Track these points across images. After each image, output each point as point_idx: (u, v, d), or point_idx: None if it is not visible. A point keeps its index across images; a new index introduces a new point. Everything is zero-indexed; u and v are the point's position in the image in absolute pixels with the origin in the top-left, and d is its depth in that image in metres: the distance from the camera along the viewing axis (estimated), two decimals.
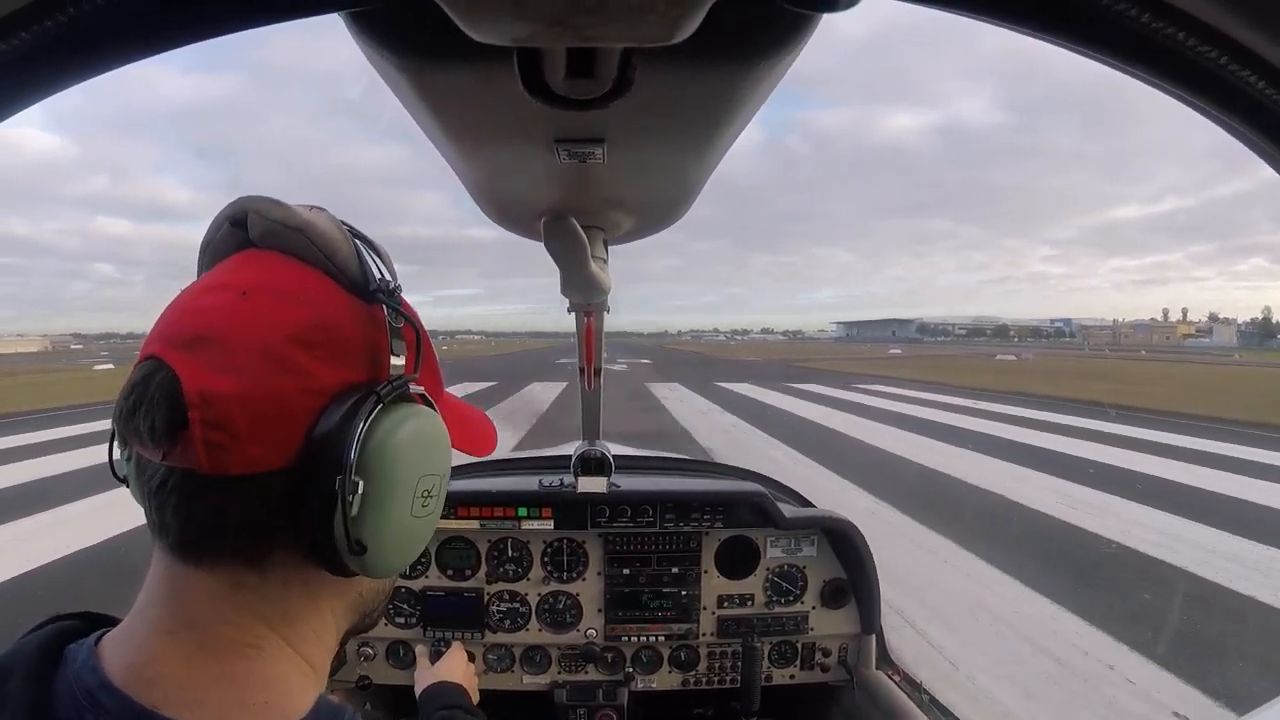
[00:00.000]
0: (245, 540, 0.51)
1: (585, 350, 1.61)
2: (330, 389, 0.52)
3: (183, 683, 0.49)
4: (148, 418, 0.49)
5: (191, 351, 0.50)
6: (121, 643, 0.52)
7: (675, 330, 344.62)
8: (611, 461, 1.86)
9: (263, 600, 0.53)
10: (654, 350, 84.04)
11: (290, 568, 0.53)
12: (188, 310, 0.53)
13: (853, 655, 1.97)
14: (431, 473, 0.57)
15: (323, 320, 0.53)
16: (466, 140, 0.65)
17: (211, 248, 0.59)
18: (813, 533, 1.94)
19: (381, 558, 0.53)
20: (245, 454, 0.49)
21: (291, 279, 0.54)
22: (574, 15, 0.38)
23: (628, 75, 0.48)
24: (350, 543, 0.51)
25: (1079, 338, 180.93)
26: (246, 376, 0.49)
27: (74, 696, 0.49)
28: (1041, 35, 0.44)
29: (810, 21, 0.48)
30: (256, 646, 0.52)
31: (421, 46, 0.48)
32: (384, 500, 0.53)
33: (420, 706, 1.30)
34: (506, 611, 1.90)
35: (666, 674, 1.94)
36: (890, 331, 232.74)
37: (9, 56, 0.39)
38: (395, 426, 0.53)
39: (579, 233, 0.88)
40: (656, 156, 0.71)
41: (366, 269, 0.56)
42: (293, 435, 0.50)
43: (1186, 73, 0.43)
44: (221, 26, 0.42)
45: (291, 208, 0.56)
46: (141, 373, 0.51)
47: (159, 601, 0.52)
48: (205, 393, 0.48)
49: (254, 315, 0.51)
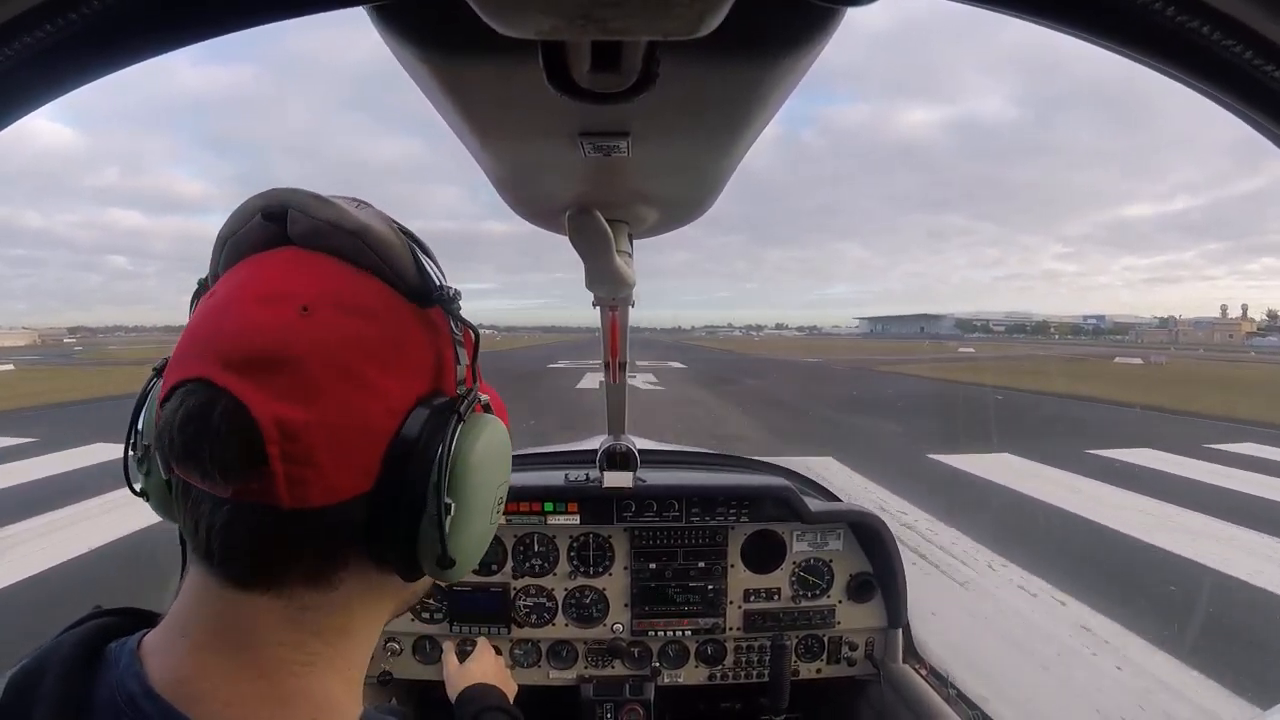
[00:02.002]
0: (319, 566, 0.50)
1: (610, 344, 1.61)
2: (404, 405, 0.50)
3: (228, 699, 0.47)
4: (215, 453, 0.45)
5: (258, 376, 0.46)
6: (164, 654, 0.49)
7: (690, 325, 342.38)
8: (637, 456, 1.87)
9: (323, 616, 0.51)
10: (687, 351, 57.59)
11: (357, 582, 0.52)
12: (244, 326, 0.47)
13: (879, 649, 1.96)
14: (505, 480, 0.58)
15: (391, 334, 0.51)
16: (491, 134, 0.66)
17: (236, 240, 0.53)
18: (839, 526, 1.93)
19: (464, 567, 0.53)
20: (327, 484, 0.47)
21: (354, 290, 0.50)
22: (598, 8, 0.38)
23: (652, 69, 0.48)
24: (443, 558, 0.50)
25: (1132, 335, 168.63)
26: (324, 402, 0.46)
27: (114, 701, 0.46)
28: (1065, 28, 0.43)
29: (834, 16, 0.48)
30: (310, 664, 0.50)
31: (446, 40, 0.48)
32: (471, 514, 0.52)
33: (457, 709, 1.30)
34: (533, 606, 1.91)
35: (693, 668, 1.94)
36: (919, 327, 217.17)
37: (31, 51, 0.39)
38: (476, 441, 0.52)
39: (604, 226, 0.88)
40: (681, 150, 0.71)
41: (425, 274, 0.53)
42: (373, 458, 0.48)
43: (1210, 67, 0.42)
44: (246, 20, 0.43)
45: (342, 207, 0.52)
46: (197, 399, 0.46)
47: (205, 621, 0.49)
48: (283, 424, 0.45)
49: (322, 333, 0.47)
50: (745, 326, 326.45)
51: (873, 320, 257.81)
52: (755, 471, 2.17)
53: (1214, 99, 0.45)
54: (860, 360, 43.18)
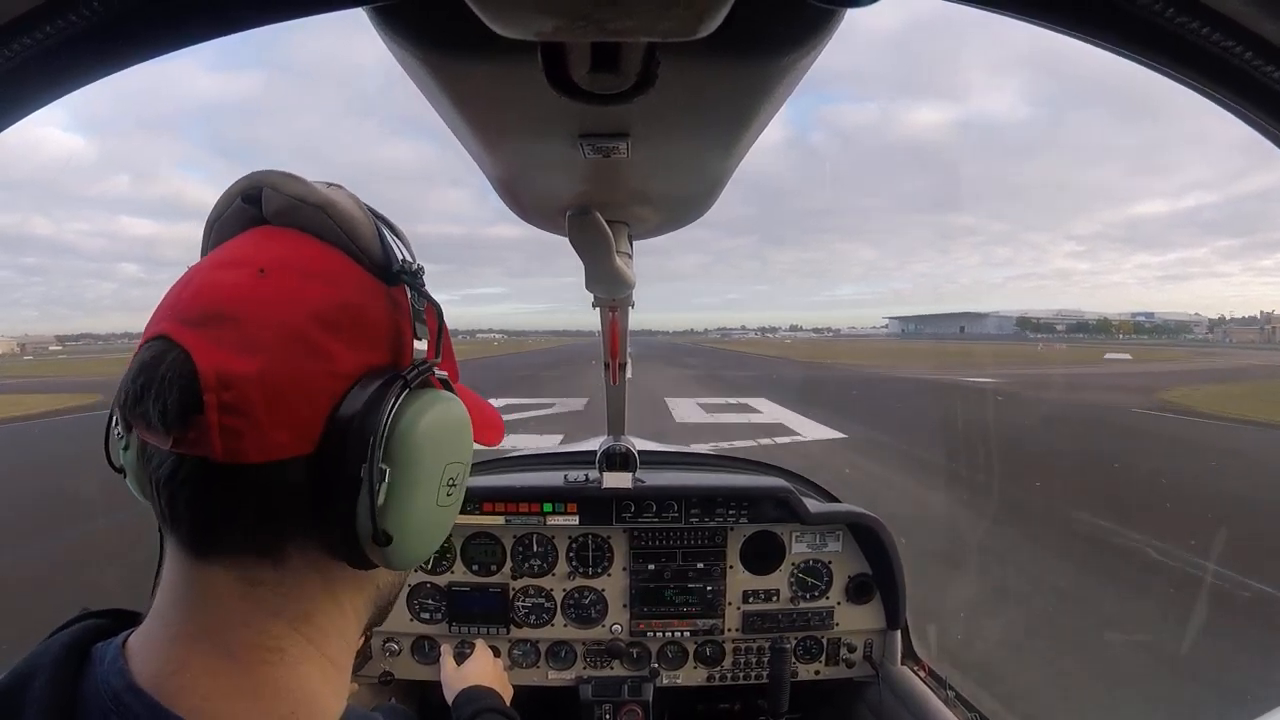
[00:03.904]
0: (261, 532, 0.49)
1: (610, 345, 1.62)
2: (353, 372, 0.50)
3: (208, 693, 0.47)
4: (158, 401, 0.46)
5: (206, 330, 0.47)
6: (145, 648, 0.50)
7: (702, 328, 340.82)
8: (636, 457, 1.87)
9: (281, 598, 0.51)
10: (748, 365, 40.22)
11: (307, 561, 0.51)
12: (202, 286, 0.49)
13: (878, 651, 1.95)
14: (457, 460, 0.55)
15: (346, 301, 0.51)
16: (491, 135, 0.66)
17: (220, 223, 0.55)
18: (838, 528, 1.92)
19: (405, 549, 0.51)
20: (263, 440, 0.46)
21: (313, 257, 0.51)
22: (598, 10, 0.38)
23: (652, 70, 0.48)
24: (376, 533, 0.48)
25: (1218, 335, 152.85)
26: (267, 357, 0.46)
27: (100, 700, 0.47)
28: (1066, 30, 0.44)
29: (833, 17, 0.48)
30: (279, 650, 0.50)
31: (446, 41, 0.48)
32: (411, 489, 0.50)
33: (454, 711, 1.30)
34: (532, 607, 1.91)
35: (692, 669, 1.94)
36: (959, 327, 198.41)
37: (33, 51, 0.39)
38: (422, 412, 0.51)
39: (603, 227, 0.88)
40: (681, 151, 0.71)
41: (389, 250, 0.53)
42: (314, 420, 0.48)
43: (1211, 68, 0.43)
44: (246, 21, 0.43)
45: (310, 184, 0.53)
46: (150, 352, 0.48)
47: (177, 603, 0.50)
48: (222, 374, 0.45)
49: (275, 293, 0.48)
50: (759, 328, 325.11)
51: (903, 320, 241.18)
52: (754, 472, 2.16)
53: (1214, 100, 0.45)
54: (1011, 378, 29.38)
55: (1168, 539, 6.50)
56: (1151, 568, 6.07)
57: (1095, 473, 9.92)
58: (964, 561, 6.36)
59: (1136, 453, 11.84)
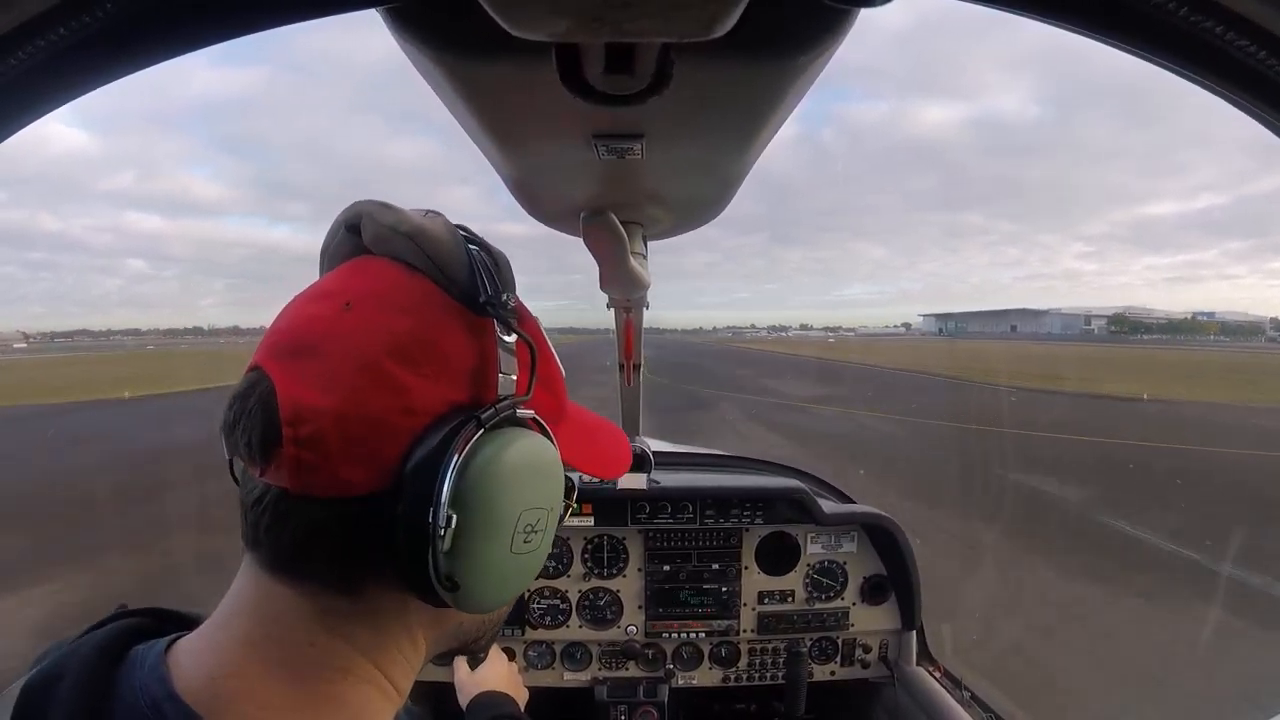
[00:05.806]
0: (337, 566, 0.48)
1: (625, 346, 1.62)
2: (432, 409, 0.48)
3: (262, 703, 0.46)
4: (245, 432, 0.47)
5: (293, 363, 0.48)
6: (201, 652, 0.48)
7: (712, 326, 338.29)
8: (651, 457, 1.86)
9: (354, 625, 0.50)
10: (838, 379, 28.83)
11: (385, 595, 0.50)
12: (294, 319, 0.50)
13: (893, 651, 1.94)
14: (537, 506, 0.52)
15: (424, 333, 0.49)
16: (505, 135, 0.66)
17: (329, 253, 0.57)
18: (853, 528, 1.91)
19: (476, 595, 0.49)
20: (335, 476, 0.46)
21: (397, 288, 0.50)
22: (612, 10, 0.38)
23: (666, 71, 0.48)
24: (441, 579, 0.47)
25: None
26: (344, 392, 0.46)
27: (136, 706, 0.45)
28: (1079, 30, 0.43)
29: (847, 17, 0.47)
30: (344, 670, 0.49)
31: (460, 41, 0.48)
32: (479, 536, 0.48)
33: (468, 716, 1.30)
34: (547, 608, 1.91)
35: (707, 670, 1.94)
36: (1009, 326, 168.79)
37: (44, 54, 0.39)
38: (496, 455, 0.49)
39: (618, 228, 0.88)
40: (695, 152, 0.70)
41: (480, 279, 0.51)
42: (388, 459, 0.47)
43: (1225, 67, 0.42)
44: (261, 22, 0.42)
45: (404, 212, 0.52)
46: (246, 383, 0.49)
47: (245, 612, 0.49)
48: (300, 408, 0.46)
49: (356, 327, 0.48)
50: (770, 327, 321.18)
51: (941, 318, 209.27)
52: (770, 473, 2.15)
53: (1227, 99, 0.44)
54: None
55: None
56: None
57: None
58: None
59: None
